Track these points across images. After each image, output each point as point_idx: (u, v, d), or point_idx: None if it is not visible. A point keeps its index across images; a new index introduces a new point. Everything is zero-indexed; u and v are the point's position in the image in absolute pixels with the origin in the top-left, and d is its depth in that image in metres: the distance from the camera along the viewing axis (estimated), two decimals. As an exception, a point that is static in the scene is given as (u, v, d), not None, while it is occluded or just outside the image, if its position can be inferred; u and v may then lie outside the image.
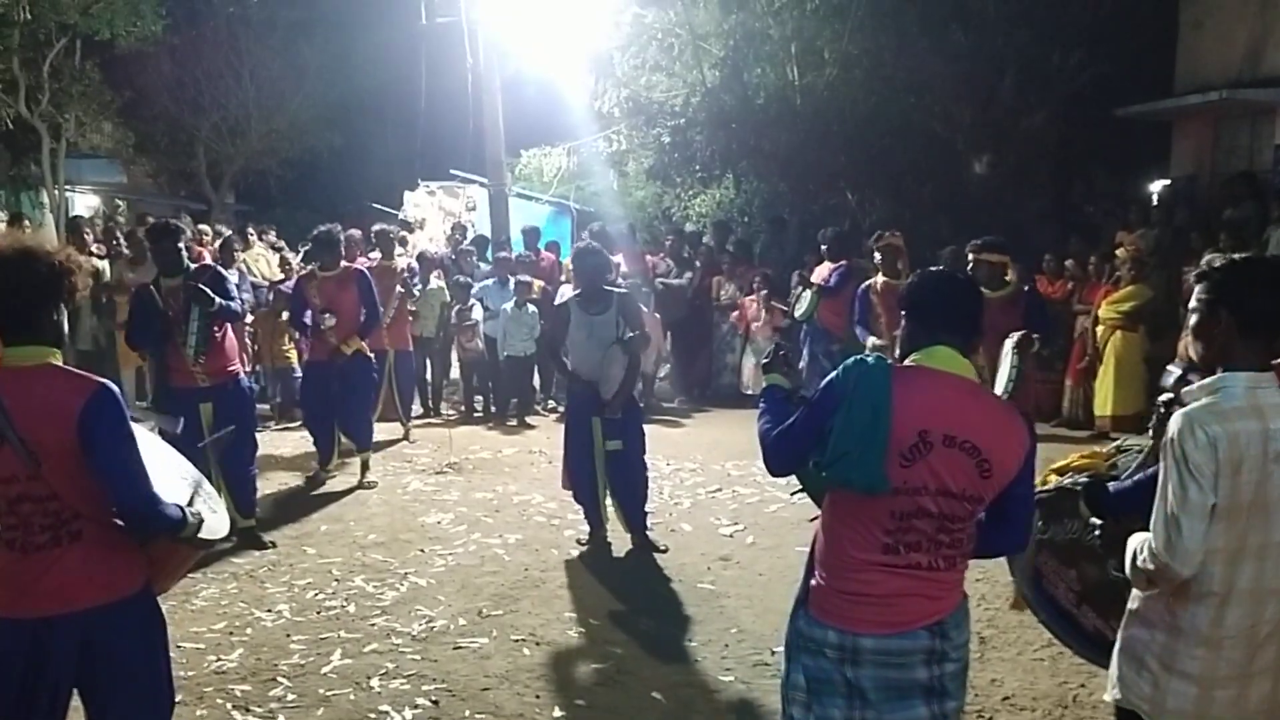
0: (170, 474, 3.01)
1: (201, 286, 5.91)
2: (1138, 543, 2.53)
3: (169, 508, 2.71)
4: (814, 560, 2.66)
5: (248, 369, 9.52)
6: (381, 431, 8.80)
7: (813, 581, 2.63)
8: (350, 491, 7.56)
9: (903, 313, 2.68)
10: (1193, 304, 2.57)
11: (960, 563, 2.57)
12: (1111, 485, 3.07)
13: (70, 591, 2.62)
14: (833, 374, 2.58)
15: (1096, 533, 2.83)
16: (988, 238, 6.15)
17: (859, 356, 2.57)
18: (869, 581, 2.50)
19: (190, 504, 2.85)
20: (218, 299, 5.96)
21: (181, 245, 6.12)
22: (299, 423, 9.65)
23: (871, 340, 7.46)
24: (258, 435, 6.84)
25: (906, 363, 2.60)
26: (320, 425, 7.76)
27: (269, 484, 7.66)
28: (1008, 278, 6.18)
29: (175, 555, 2.89)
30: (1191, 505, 2.37)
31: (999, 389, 5.54)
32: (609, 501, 6.27)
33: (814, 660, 2.58)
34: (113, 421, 2.61)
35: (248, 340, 9.85)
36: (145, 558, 2.77)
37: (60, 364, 2.67)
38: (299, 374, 9.89)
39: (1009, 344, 5.59)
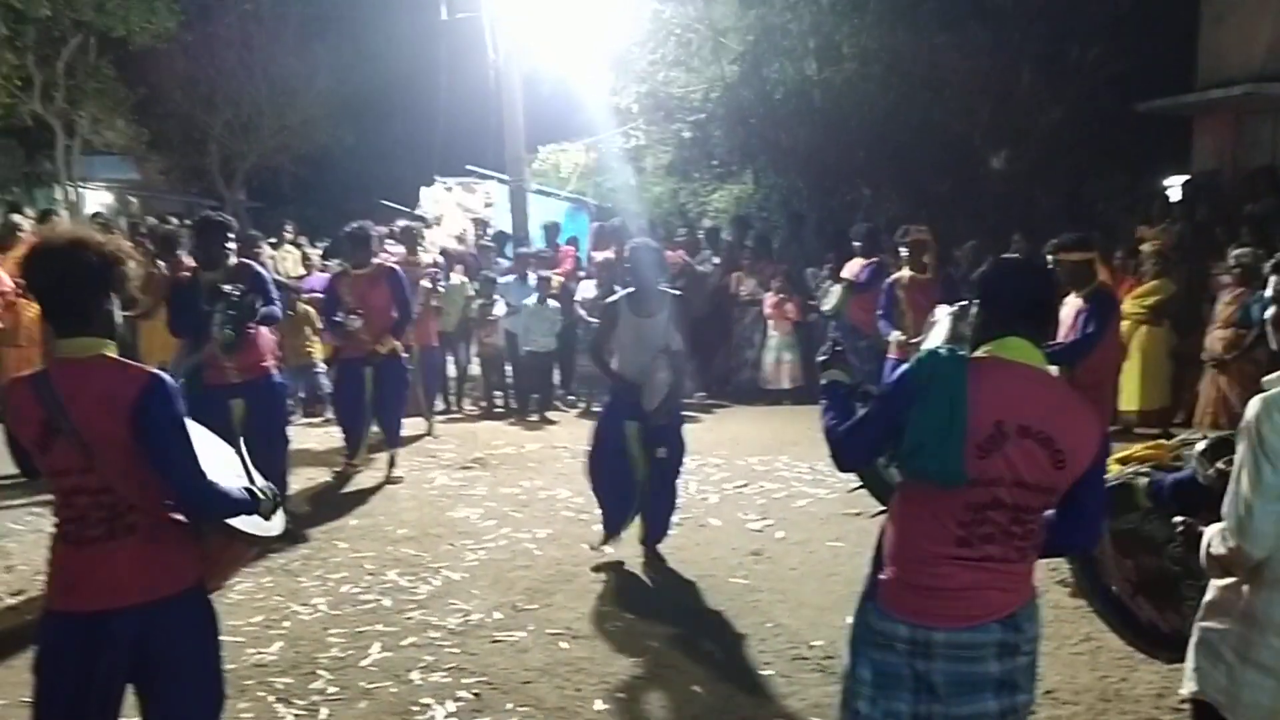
0: (226, 469, 3.00)
1: (226, 288, 5.85)
2: (1212, 532, 2.51)
3: (231, 491, 2.71)
4: (882, 554, 2.64)
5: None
6: (406, 426, 8.79)
7: (882, 575, 2.61)
8: (379, 487, 7.54)
9: (976, 301, 2.66)
10: (1269, 293, 2.56)
11: (1031, 554, 2.56)
12: (1170, 477, 3.06)
13: (125, 585, 2.61)
14: (905, 367, 2.58)
15: (1180, 531, 2.79)
16: (1066, 235, 5.83)
17: (933, 349, 2.57)
18: (942, 574, 2.49)
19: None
20: (260, 309, 5.93)
21: (228, 240, 6.04)
22: (323, 418, 9.66)
23: (895, 335, 7.43)
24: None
25: (979, 353, 2.58)
26: (351, 421, 7.68)
27: (297, 479, 7.64)
28: (1099, 276, 5.88)
29: (229, 552, 2.88)
30: (1265, 488, 2.36)
31: None
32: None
33: (882, 654, 2.56)
34: (167, 412, 2.60)
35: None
36: (199, 553, 2.76)
37: (113, 355, 2.66)
38: (320, 369, 9.91)
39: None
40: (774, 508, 7.00)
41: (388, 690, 4.31)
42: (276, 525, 2.95)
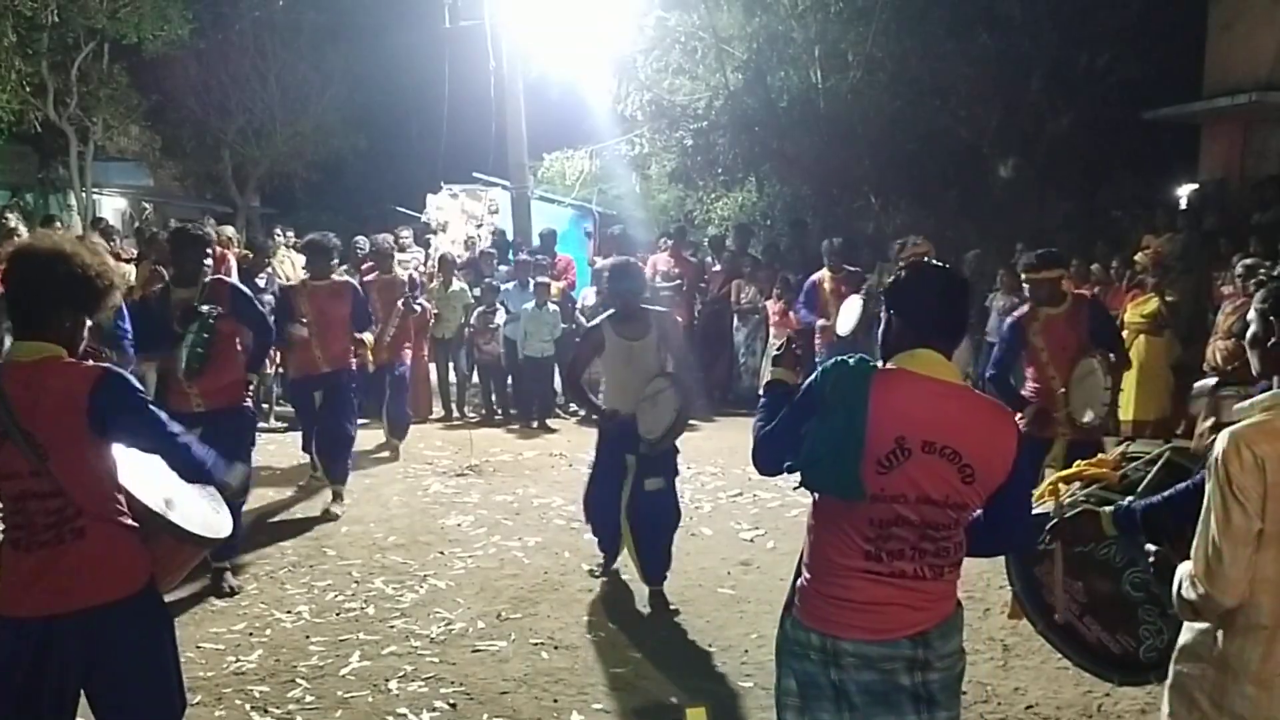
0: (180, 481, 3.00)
1: (203, 309, 5.40)
2: (1183, 572, 2.40)
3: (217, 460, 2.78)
4: (802, 563, 2.61)
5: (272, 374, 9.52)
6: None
7: (799, 583, 2.59)
8: (369, 493, 7.55)
9: (889, 311, 2.59)
10: (1250, 314, 2.46)
11: (949, 572, 2.49)
12: (1140, 503, 2.97)
13: (74, 589, 2.61)
14: (811, 377, 2.53)
15: (1151, 559, 2.72)
16: (1038, 254, 5.77)
17: (840, 358, 2.51)
18: (851, 588, 2.45)
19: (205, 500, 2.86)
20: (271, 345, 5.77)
21: (206, 256, 5.62)
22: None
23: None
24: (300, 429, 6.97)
25: (889, 365, 2.52)
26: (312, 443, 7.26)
27: (289, 484, 7.66)
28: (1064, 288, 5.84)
29: (178, 554, 2.88)
30: (1235, 530, 2.25)
31: (1088, 415, 5.43)
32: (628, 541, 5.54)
33: (801, 664, 2.53)
34: (125, 398, 2.62)
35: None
36: (149, 556, 2.76)
37: (65, 358, 2.65)
38: None
39: (1096, 366, 5.46)
40: (767, 517, 6.98)
41: (365, 699, 4.30)
42: (225, 528, 2.95)
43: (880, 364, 2.53)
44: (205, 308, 5.43)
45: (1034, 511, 3.18)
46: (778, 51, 13.81)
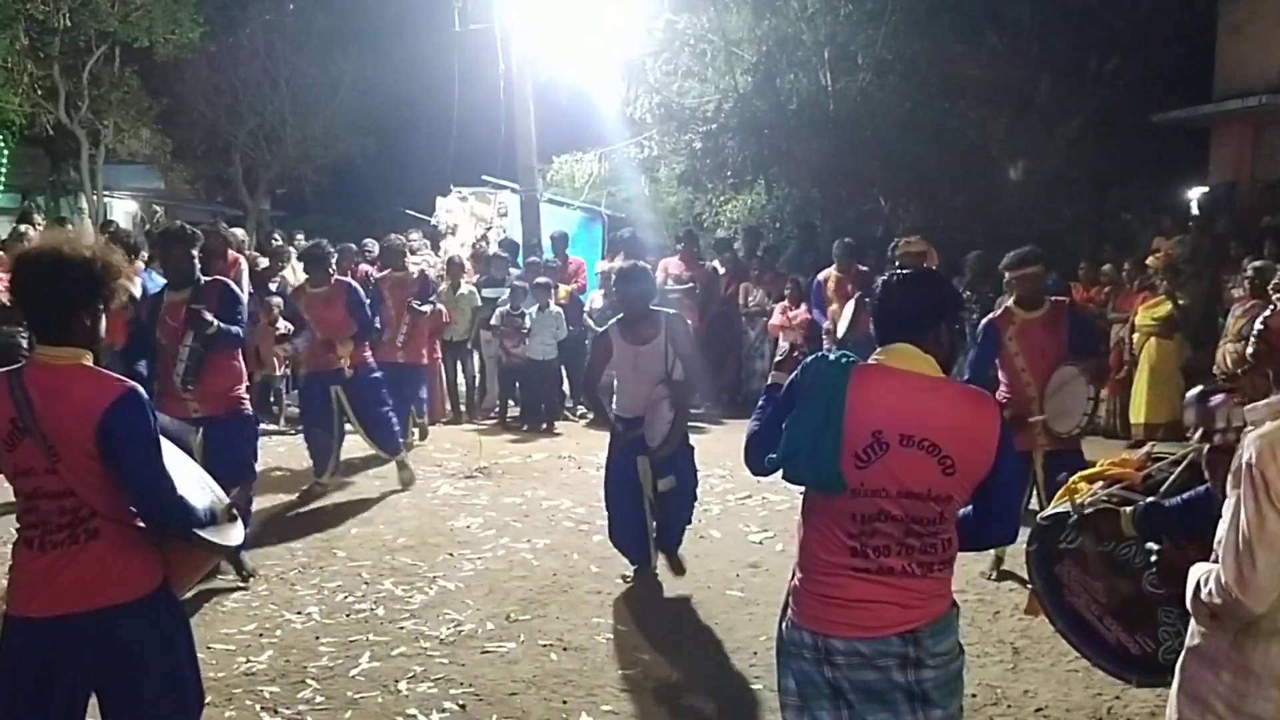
0: (191, 482, 3.01)
1: (200, 311, 5.28)
2: (1201, 573, 2.36)
3: (195, 506, 2.73)
4: (796, 563, 2.64)
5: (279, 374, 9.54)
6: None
7: (792, 583, 2.61)
8: (381, 496, 7.57)
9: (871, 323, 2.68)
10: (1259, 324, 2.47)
11: (938, 569, 2.50)
12: (1144, 503, 2.97)
13: (87, 590, 2.61)
14: (794, 373, 2.57)
15: (1154, 559, 2.71)
16: (1020, 251, 5.75)
17: (822, 353, 2.58)
18: (839, 585, 2.47)
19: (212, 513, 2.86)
20: (216, 323, 5.29)
21: (195, 254, 5.49)
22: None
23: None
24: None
25: (870, 360, 2.56)
26: (317, 439, 7.44)
27: (299, 485, 7.66)
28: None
29: (190, 560, 2.88)
30: (1270, 535, 2.19)
31: (1067, 425, 5.40)
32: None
33: (797, 663, 2.55)
34: (136, 425, 2.60)
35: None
36: (162, 559, 2.76)
37: (90, 365, 2.67)
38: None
39: (1078, 373, 5.42)
40: (775, 519, 6.97)
41: (374, 700, 4.31)
42: (236, 536, 2.96)
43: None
44: (208, 314, 5.34)
45: (1052, 511, 3.20)
46: (787, 54, 13.79)
